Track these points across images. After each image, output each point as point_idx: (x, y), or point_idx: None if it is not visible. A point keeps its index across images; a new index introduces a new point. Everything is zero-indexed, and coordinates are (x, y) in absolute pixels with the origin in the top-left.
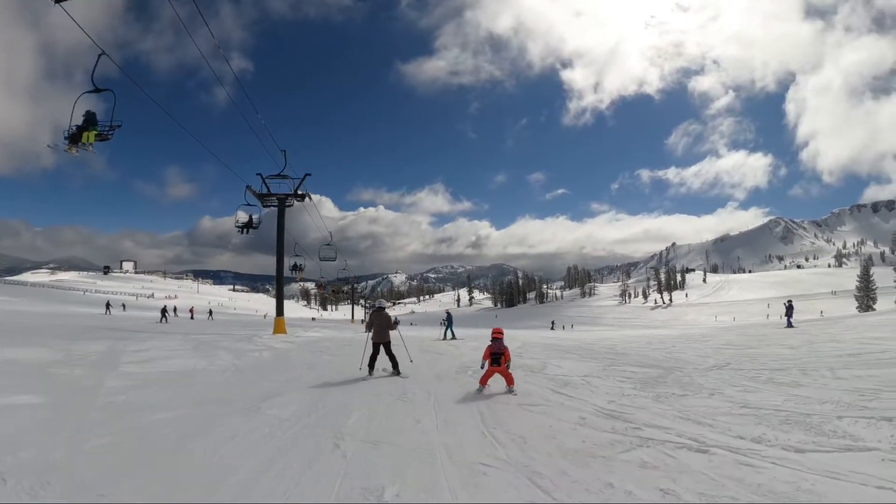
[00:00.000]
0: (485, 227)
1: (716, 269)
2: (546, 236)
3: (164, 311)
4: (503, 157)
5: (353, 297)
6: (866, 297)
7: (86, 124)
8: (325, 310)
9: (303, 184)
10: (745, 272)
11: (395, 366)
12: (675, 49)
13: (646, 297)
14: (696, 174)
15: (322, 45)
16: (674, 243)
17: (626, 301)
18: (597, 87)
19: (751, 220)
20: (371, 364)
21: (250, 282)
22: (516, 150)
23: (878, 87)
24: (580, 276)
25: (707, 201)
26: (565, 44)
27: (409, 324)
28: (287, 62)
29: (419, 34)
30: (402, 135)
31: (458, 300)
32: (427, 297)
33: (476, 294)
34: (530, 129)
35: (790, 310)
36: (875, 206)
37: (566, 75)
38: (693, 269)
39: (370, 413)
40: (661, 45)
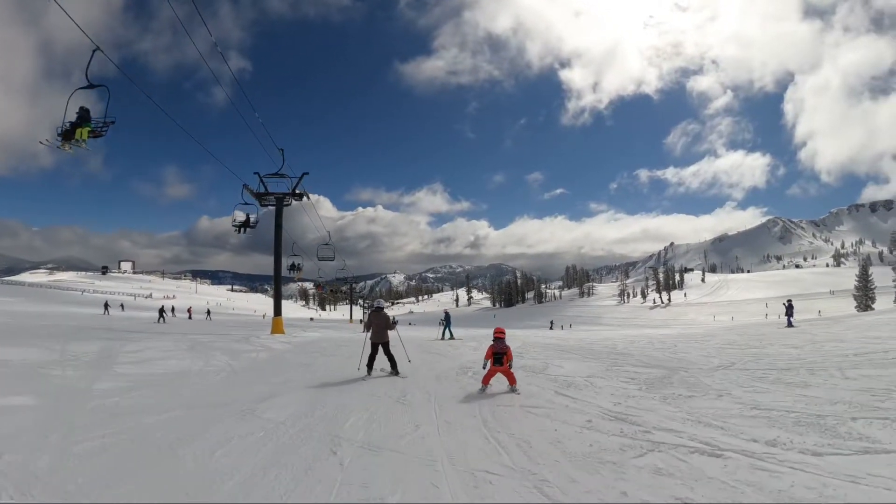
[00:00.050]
0: (483, 227)
1: (714, 269)
2: (544, 236)
3: (162, 311)
4: (502, 157)
5: (351, 297)
6: (865, 296)
7: (79, 121)
8: (324, 310)
9: (301, 183)
10: (744, 272)
11: (394, 366)
12: (673, 49)
13: (644, 297)
14: (694, 174)
15: (321, 44)
16: (672, 243)
17: (625, 301)
18: (595, 87)
19: (749, 219)
20: (370, 364)
21: (249, 282)
22: (515, 149)
23: (877, 86)
24: (579, 276)
25: (705, 201)
26: (564, 44)
27: (407, 324)
28: (285, 62)
29: (418, 34)
30: (400, 135)
31: (457, 300)
32: (425, 297)
33: (475, 294)
34: (529, 128)
35: (790, 309)
36: (873, 206)
37: (565, 75)
38: (691, 269)
39: (369, 416)
40: (660, 45)
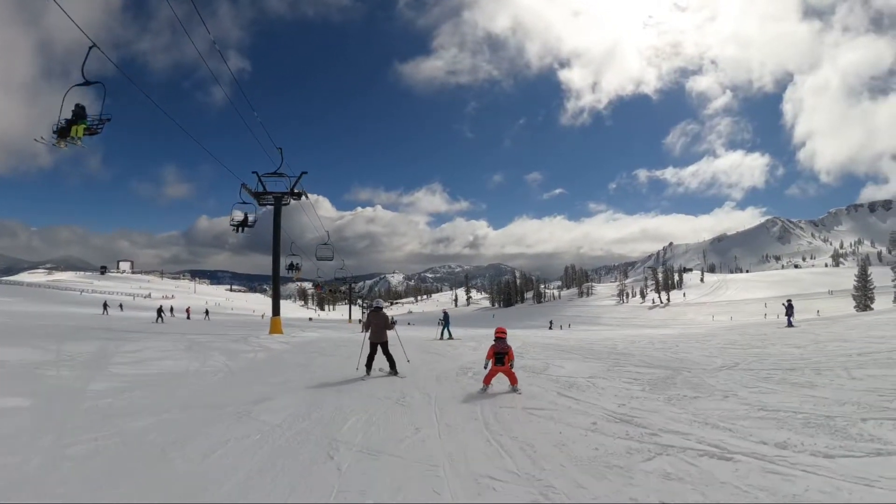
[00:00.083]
0: (482, 227)
1: (713, 269)
2: (543, 236)
3: (160, 311)
4: (501, 157)
5: (350, 297)
6: (864, 296)
7: (75, 118)
8: (323, 310)
9: (299, 182)
10: (743, 272)
11: (392, 366)
12: (672, 49)
13: (643, 297)
14: (693, 174)
15: (320, 44)
16: (671, 243)
17: (624, 301)
18: (594, 87)
19: (748, 219)
20: (368, 364)
21: (248, 282)
22: (514, 149)
23: (876, 87)
24: (578, 276)
25: (704, 201)
26: (563, 43)
27: (406, 324)
28: (285, 61)
29: (417, 34)
30: (399, 134)
31: (456, 300)
32: (424, 296)
33: (473, 294)
34: (528, 128)
35: (790, 309)
36: (872, 206)
37: (564, 75)
38: (690, 269)
39: (367, 418)
40: (659, 45)
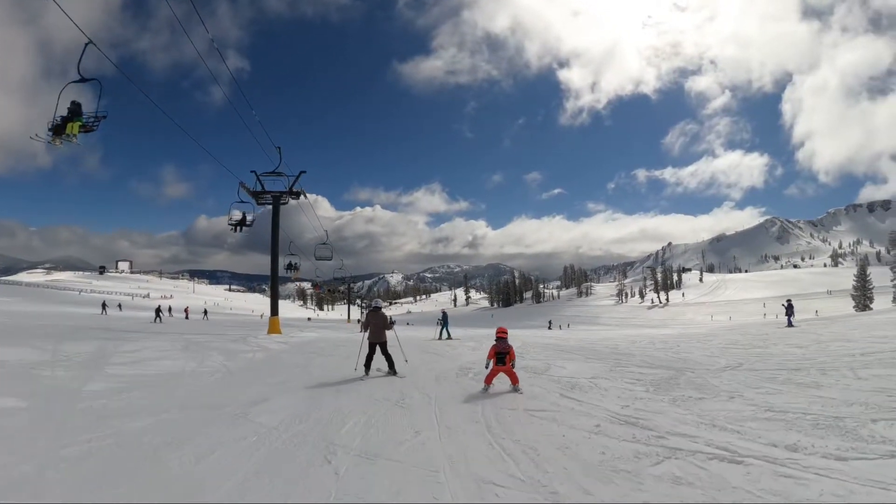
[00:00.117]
0: (481, 227)
1: (712, 269)
2: (542, 236)
3: (159, 310)
4: (500, 157)
5: (349, 297)
6: (863, 296)
7: (70, 115)
8: (322, 310)
9: (298, 181)
10: (742, 272)
11: (391, 366)
12: (672, 49)
13: (642, 297)
14: (692, 174)
15: (319, 44)
16: (670, 243)
17: (623, 301)
18: (594, 87)
19: (747, 219)
20: (367, 365)
21: (247, 281)
22: (513, 149)
23: (875, 87)
24: (577, 276)
25: (703, 201)
26: (562, 43)
27: (405, 324)
28: (284, 61)
29: (416, 34)
30: (399, 134)
31: (455, 300)
32: (423, 296)
33: (472, 294)
34: (527, 128)
35: (790, 309)
36: (871, 206)
37: (563, 75)
38: (689, 269)
39: (366, 420)
40: (659, 45)
